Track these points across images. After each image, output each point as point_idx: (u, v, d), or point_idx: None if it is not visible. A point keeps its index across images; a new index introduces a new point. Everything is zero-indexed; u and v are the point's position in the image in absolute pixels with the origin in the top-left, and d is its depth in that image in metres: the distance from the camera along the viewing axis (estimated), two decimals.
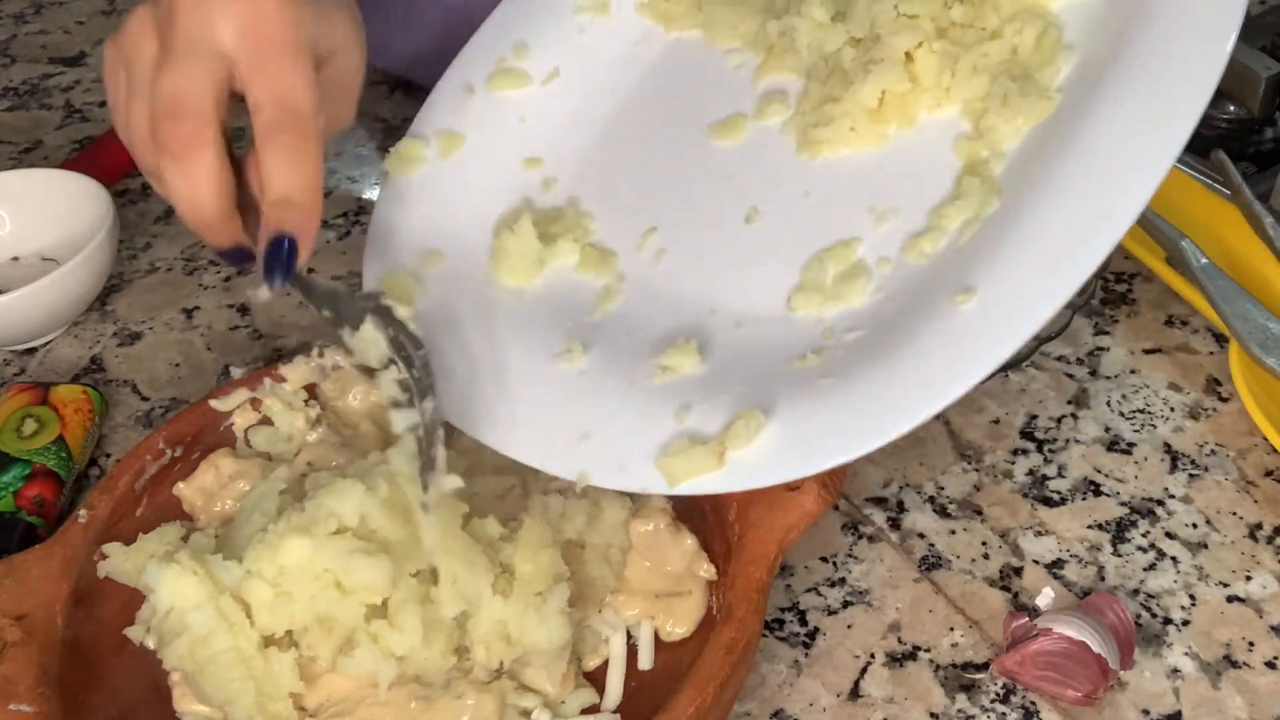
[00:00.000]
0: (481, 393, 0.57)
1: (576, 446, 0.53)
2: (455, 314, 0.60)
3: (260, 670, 0.52)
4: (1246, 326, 0.64)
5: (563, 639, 0.53)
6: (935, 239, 0.53)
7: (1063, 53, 0.54)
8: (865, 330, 0.52)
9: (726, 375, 0.53)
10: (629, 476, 0.52)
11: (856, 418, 0.48)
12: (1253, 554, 0.61)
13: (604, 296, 0.60)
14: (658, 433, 0.52)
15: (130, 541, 0.57)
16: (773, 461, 0.49)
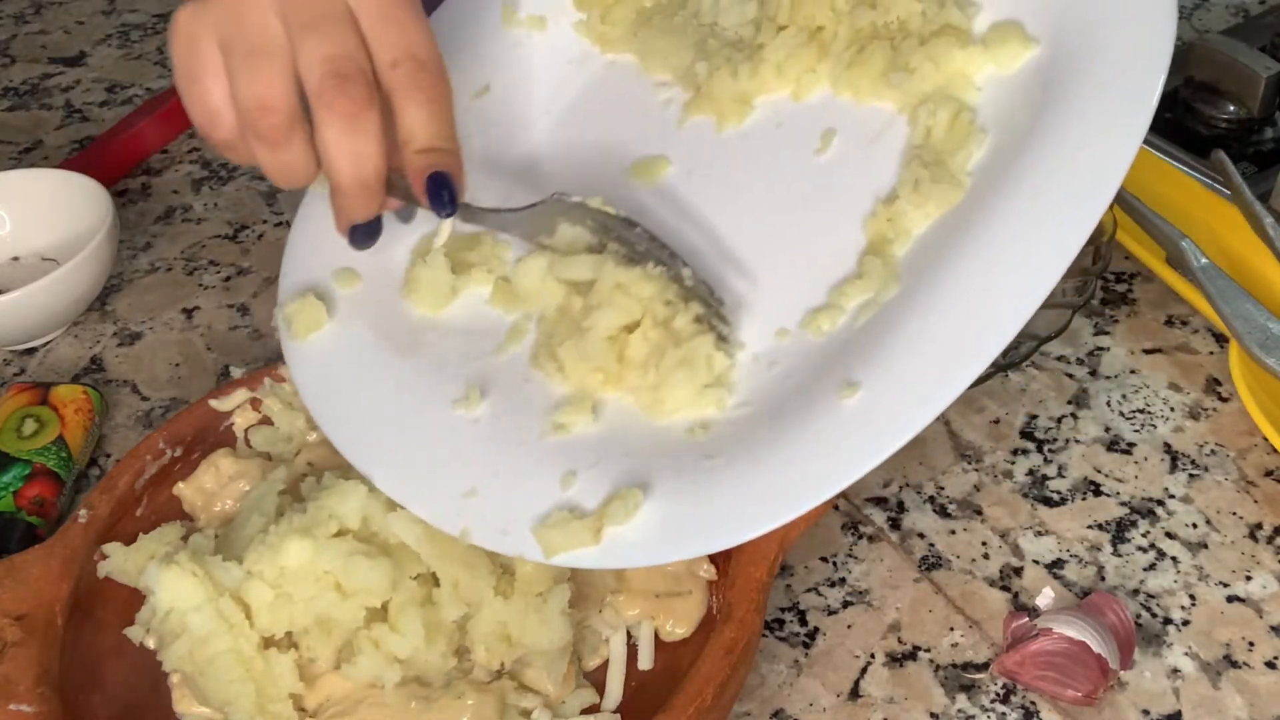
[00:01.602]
0: (376, 429, 0.56)
1: (461, 501, 0.52)
2: (362, 341, 0.59)
3: (260, 671, 0.52)
4: (1246, 326, 0.64)
5: (564, 640, 0.53)
6: (834, 317, 0.52)
7: (975, 136, 0.53)
8: (754, 407, 0.51)
9: (615, 440, 0.53)
10: (508, 541, 0.51)
11: (732, 508, 0.48)
12: (1253, 554, 0.61)
13: (511, 335, 0.58)
14: (539, 500, 0.51)
15: (130, 541, 0.57)
16: (650, 543, 0.49)
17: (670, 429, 0.52)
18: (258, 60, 0.50)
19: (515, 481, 0.52)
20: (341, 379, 0.58)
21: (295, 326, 0.60)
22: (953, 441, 0.68)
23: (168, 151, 0.97)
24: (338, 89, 0.50)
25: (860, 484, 0.66)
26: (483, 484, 0.53)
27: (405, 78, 0.51)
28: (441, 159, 0.53)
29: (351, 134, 0.50)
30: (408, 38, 0.52)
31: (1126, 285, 0.77)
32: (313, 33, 0.50)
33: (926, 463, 0.67)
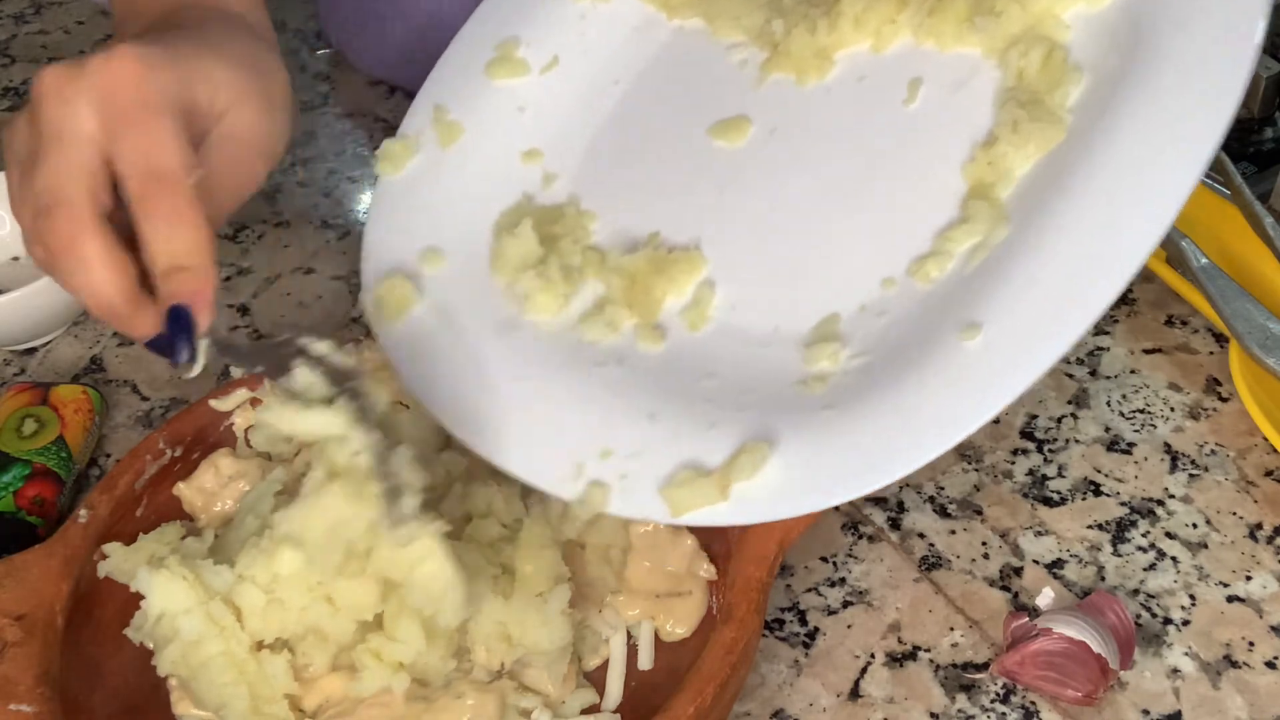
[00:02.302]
0: (482, 404, 0.56)
1: (578, 468, 0.52)
2: (456, 318, 0.59)
3: (253, 673, 0.52)
4: (1246, 326, 0.64)
5: (564, 640, 0.53)
6: (941, 263, 0.52)
7: (1071, 75, 0.53)
8: (870, 357, 0.51)
9: (733, 397, 0.53)
10: (631, 504, 0.51)
11: (860, 457, 0.47)
12: (1253, 554, 0.61)
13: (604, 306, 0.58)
14: (662, 460, 0.51)
15: (130, 541, 0.57)
16: (776, 497, 0.48)
17: (785, 384, 0.52)
18: (18, 194, 0.49)
19: (634, 445, 0.52)
20: (439, 357, 0.58)
21: (385, 308, 0.59)
22: None
23: None
24: (44, 226, 0.47)
25: None
26: (600, 450, 0.52)
27: (137, 193, 0.47)
28: (184, 282, 0.48)
29: (70, 272, 0.47)
30: (139, 147, 0.47)
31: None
32: (36, 163, 0.48)
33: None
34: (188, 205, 0.47)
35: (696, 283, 0.57)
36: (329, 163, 0.93)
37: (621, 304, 0.57)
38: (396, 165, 0.65)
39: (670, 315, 0.57)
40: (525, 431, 0.54)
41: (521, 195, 0.64)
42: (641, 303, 0.57)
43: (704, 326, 0.56)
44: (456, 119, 0.65)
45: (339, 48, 1.03)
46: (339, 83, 1.01)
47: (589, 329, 0.57)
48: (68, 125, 0.47)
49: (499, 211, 0.63)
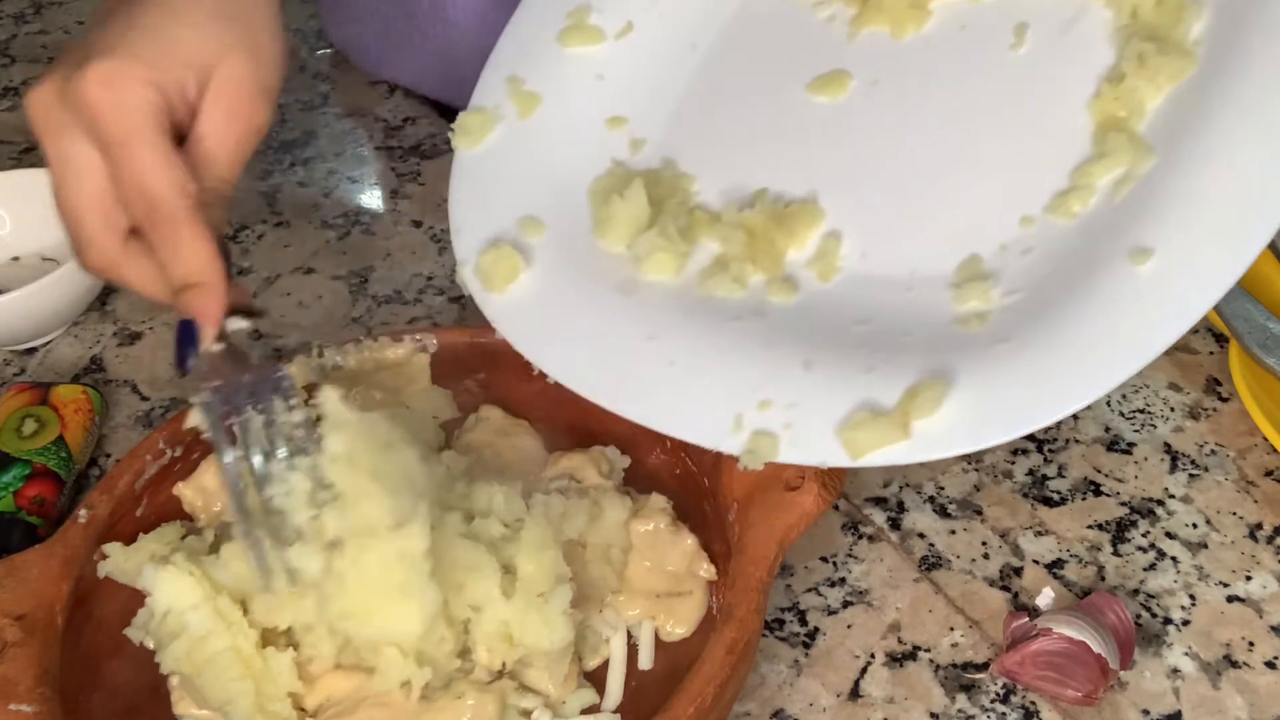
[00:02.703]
0: (617, 364, 0.55)
1: (737, 420, 0.51)
2: (574, 284, 0.58)
3: (259, 670, 0.52)
4: (1246, 326, 0.64)
5: (566, 640, 0.53)
6: (1084, 198, 0.52)
7: (1190, 8, 0.53)
8: (1026, 292, 0.51)
9: (890, 340, 0.52)
10: (802, 450, 0.50)
11: (1044, 386, 0.47)
12: (1253, 554, 0.61)
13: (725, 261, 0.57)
14: (833, 403, 0.50)
15: (130, 541, 0.57)
16: (956, 433, 0.48)
17: (941, 324, 0.52)
18: None
19: (794, 393, 0.51)
20: (560, 323, 0.57)
21: (493, 279, 0.58)
22: None
23: None
24: (80, 251, 0.51)
25: (860, 484, 0.66)
26: (758, 401, 0.51)
27: (139, 220, 0.50)
28: (189, 300, 0.51)
29: (118, 282, 0.53)
30: (132, 177, 0.49)
31: None
32: (56, 188, 0.51)
33: (926, 463, 0.67)
34: (186, 228, 0.50)
35: (819, 234, 0.57)
36: (329, 163, 0.93)
37: (745, 259, 0.57)
38: (475, 139, 0.64)
39: (796, 268, 0.56)
40: (672, 389, 0.53)
41: (611, 162, 0.63)
42: (765, 256, 0.56)
43: (834, 277, 0.56)
44: (534, 89, 0.64)
45: (339, 47, 1.03)
46: (339, 83, 1.01)
47: (715, 286, 0.56)
48: (70, 157, 0.50)
49: (590, 179, 0.62)
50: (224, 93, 0.52)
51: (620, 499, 0.58)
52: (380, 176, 0.92)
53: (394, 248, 0.85)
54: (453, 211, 0.62)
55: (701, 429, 0.52)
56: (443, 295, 0.80)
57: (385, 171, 0.92)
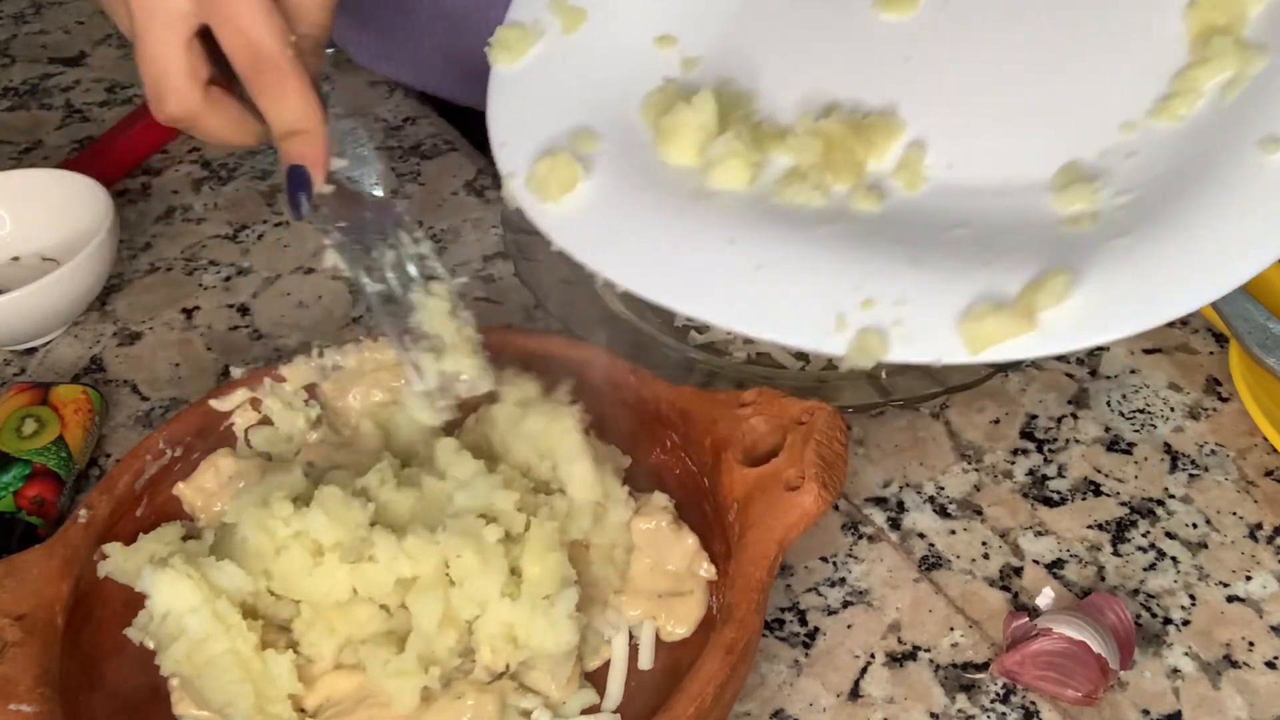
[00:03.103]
0: (697, 272, 0.53)
1: (839, 319, 0.49)
2: (634, 193, 0.56)
3: (258, 672, 0.52)
4: (1246, 326, 0.64)
5: (571, 643, 0.52)
6: (1190, 101, 0.52)
7: None
8: (1137, 191, 0.50)
9: (994, 240, 0.51)
10: (915, 347, 0.48)
11: (1176, 276, 0.46)
12: (1253, 554, 0.61)
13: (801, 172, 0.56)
14: (943, 299, 0.48)
15: (130, 541, 0.57)
16: (1082, 324, 0.46)
17: (1046, 227, 0.51)
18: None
19: (901, 291, 0.50)
20: (630, 232, 0.55)
21: (549, 188, 0.57)
22: (953, 441, 0.68)
23: (168, 151, 0.97)
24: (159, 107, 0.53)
25: (860, 484, 0.66)
26: (860, 300, 0.50)
27: (244, 71, 0.53)
28: (297, 146, 0.54)
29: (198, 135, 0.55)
30: (238, 28, 0.51)
31: None
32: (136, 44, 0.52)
33: (926, 463, 0.67)
34: (291, 76, 0.53)
35: (901, 145, 0.56)
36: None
37: (823, 169, 0.55)
38: (515, 54, 0.63)
39: (878, 179, 0.55)
40: (762, 292, 0.52)
41: (662, 80, 0.61)
42: (844, 166, 0.55)
43: (921, 186, 0.55)
44: (578, 4, 0.63)
45: (339, 47, 1.03)
46: (339, 83, 1.01)
47: (794, 194, 0.55)
48: (157, 6, 0.52)
49: (641, 95, 0.60)
50: None
51: (624, 499, 0.58)
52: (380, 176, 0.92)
53: None
54: (494, 126, 0.61)
55: (799, 330, 0.50)
56: None
57: (385, 172, 0.92)
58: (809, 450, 0.54)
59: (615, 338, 0.70)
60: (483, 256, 0.83)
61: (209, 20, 0.52)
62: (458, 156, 0.93)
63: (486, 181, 0.90)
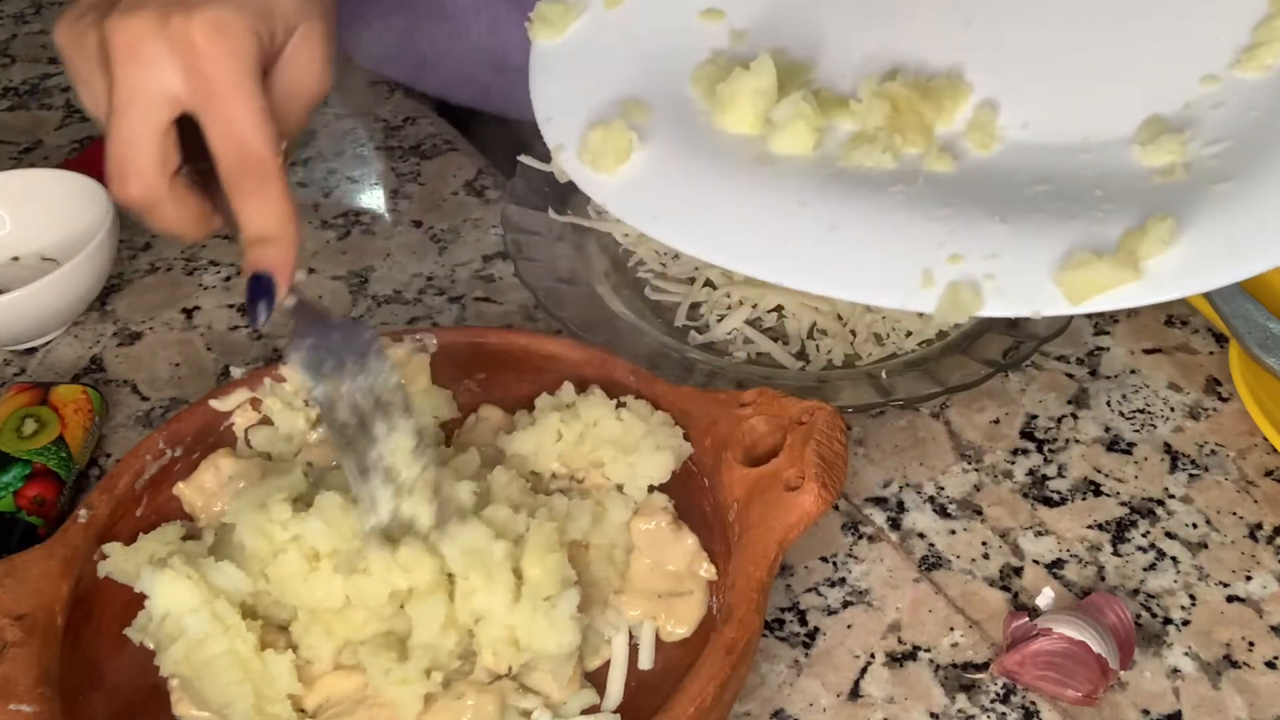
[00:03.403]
0: (778, 233, 0.52)
1: (926, 275, 0.48)
2: (692, 162, 0.55)
3: (257, 672, 0.52)
4: (1246, 326, 0.64)
5: (573, 644, 0.52)
6: (1275, 51, 0.52)
7: None
8: (1231, 140, 0.50)
9: (1082, 194, 0.50)
10: (1012, 299, 0.47)
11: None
12: (1253, 554, 0.61)
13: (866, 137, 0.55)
14: (1038, 252, 0.48)
15: (130, 541, 0.57)
16: (1188, 271, 0.45)
17: (1139, 177, 0.50)
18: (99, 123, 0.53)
19: (991, 246, 0.49)
20: (692, 200, 0.54)
21: (603, 158, 0.56)
22: (953, 441, 0.68)
23: None
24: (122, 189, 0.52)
25: (860, 484, 0.66)
26: (947, 255, 0.49)
27: (229, 170, 0.51)
28: (267, 254, 0.52)
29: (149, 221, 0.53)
30: (230, 126, 0.50)
31: None
32: (110, 122, 0.51)
33: (926, 463, 0.67)
34: (275, 183, 0.51)
35: (970, 106, 0.56)
36: (329, 163, 0.93)
37: (891, 131, 0.55)
38: (557, 29, 0.62)
39: (950, 140, 0.55)
40: (840, 253, 0.51)
41: (710, 52, 0.60)
42: (913, 128, 0.55)
43: (995, 146, 0.54)
44: None
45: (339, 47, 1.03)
46: (339, 83, 1.01)
47: (863, 156, 0.54)
48: (144, 87, 0.50)
49: (690, 67, 0.60)
50: (305, 50, 0.54)
51: (622, 498, 0.58)
52: (380, 176, 0.92)
53: (394, 248, 0.85)
54: (538, 101, 0.60)
55: (883, 288, 0.49)
56: (443, 295, 0.80)
57: (385, 171, 0.92)
58: (809, 450, 0.54)
59: (615, 338, 0.70)
60: (483, 256, 0.83)
61: (198, 111, 0.50)
62: (458, 156, 0.93)
63: (486, 181, 0.90)
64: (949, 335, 0.72)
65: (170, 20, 0.49)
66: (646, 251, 0.79)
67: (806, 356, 0.71)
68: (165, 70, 0.50)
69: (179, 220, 0.53)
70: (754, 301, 0.74)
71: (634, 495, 0.58)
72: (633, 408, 0.59)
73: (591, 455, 0.59)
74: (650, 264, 0.78)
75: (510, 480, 0.57)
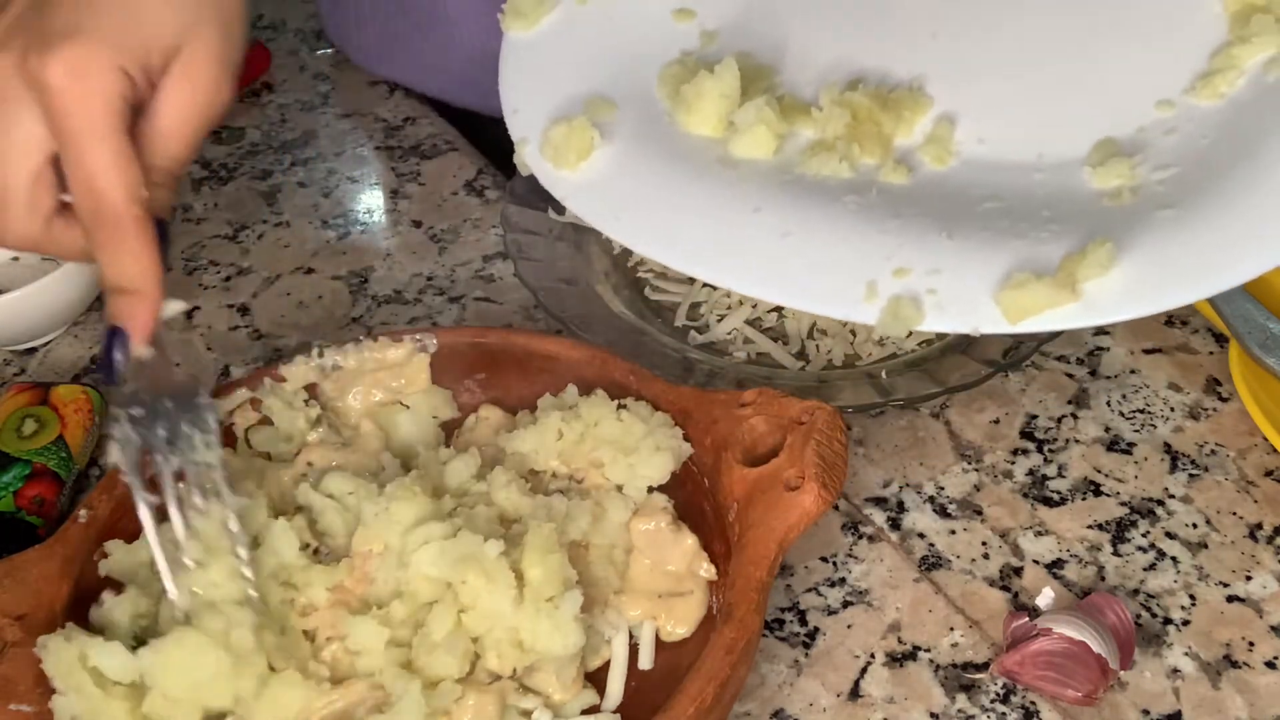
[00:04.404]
0: (722, 239, 0.52)
1: (869, 287, 0.49)
2: (653, 161, 0.56)
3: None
4: (1246, 326, 0.64)
5: (578, 646, 0.52)
6: (1230, 79, 0.52)
7: None
8: (1179, 166, 0.50)
9: (1029, 214, 0.50)
10: (949, 316, 0.48)
11: (1225, 247, 0.46)
12: (1253, 554, 0.61)
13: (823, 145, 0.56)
14: (980, 269, 0.48)
15: (131, 541, 0.57)
16: (1135, 293, 0.46)
17: (1086, 200, 0.50)
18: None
19: (936, 260, 0.49)
20: (649, 199, 0.54)
21: (565, 154, 0.56)
22: (953, 441, 0.68)
23: None
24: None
25: (860, 484, 0.66)
26: (893, 268, 0.49)
27: (84, 218, 0.49)
28: (121, 306, 0.50)
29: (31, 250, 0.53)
30: (85, 174, 0.48)
31: None
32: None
33: (926, 463, 0.67)
34: (130, 237, 0.48)
35: (930, 119, 0.56)
36: (329, 163, 0.93)
37: (850, 140, 0.55)
38: (529, 21, 0.62)
39: (906, 153, 0.55)
40: (790, 260, 0.51)
41: (679, 53, 0.61)
42: (871, 140, 0.55)
43: (950, 161, 0.55)
44: None
45: (339, 47, 1.03)
46: (339, 83, 1.01)
47: (820, 164, 0.54)
48: (7, 132, 0.48)
49: (659, 66, 0.60)
50: (191, 71, 0.50)
51: (622, 498, 0.58)
52: (380, 176, 0.92)
53: (394, 248, 0.85)
54: (506, 92, 0.60)
55: (828, 298, 0.50)
56: (443, 295, 0.80)
57: (385, 171, 0.92)
58: (809, 450, 0.55)
59: (615, 338, 0.70)
60: (483, 256, 0.83)
61: (61, 157, 0.48)
62: (458, 156, 0.93)
63: (486, 181, 0.90)
64: (949, 335, 0.72)
65: (28, 59, 0.47)
66: None
67: (806, 356, 0.71)
68: (25, 115, 0.48)
69: (68, 254, 0.52)
70: (754, 301, 0.74)
71: (634, 495, 0.58)
72: (633, 408, 0.59)
73: (591, 455, 0.59)
74: (650, 264, 0.78)
75: (510, 480, 0.57)
